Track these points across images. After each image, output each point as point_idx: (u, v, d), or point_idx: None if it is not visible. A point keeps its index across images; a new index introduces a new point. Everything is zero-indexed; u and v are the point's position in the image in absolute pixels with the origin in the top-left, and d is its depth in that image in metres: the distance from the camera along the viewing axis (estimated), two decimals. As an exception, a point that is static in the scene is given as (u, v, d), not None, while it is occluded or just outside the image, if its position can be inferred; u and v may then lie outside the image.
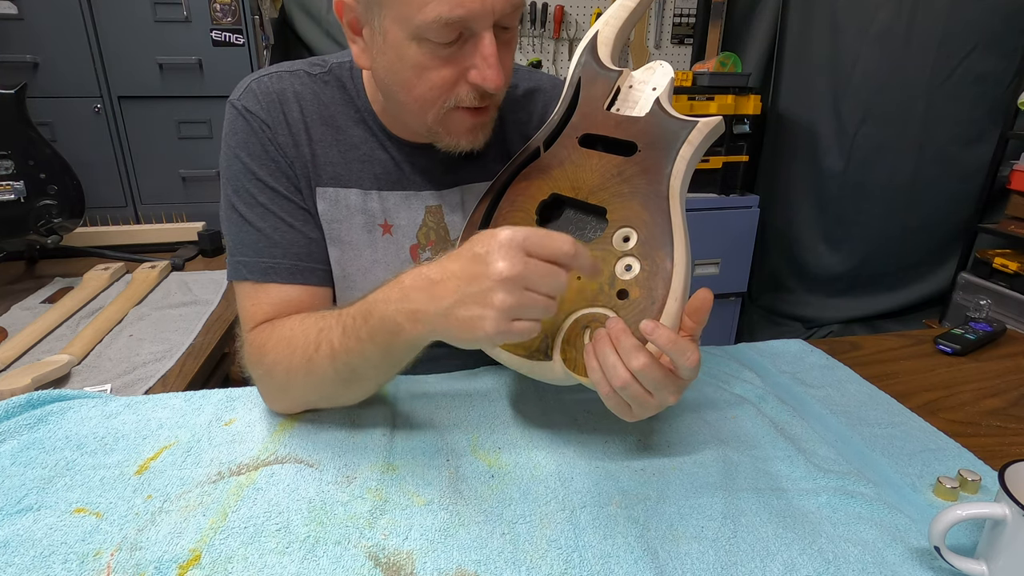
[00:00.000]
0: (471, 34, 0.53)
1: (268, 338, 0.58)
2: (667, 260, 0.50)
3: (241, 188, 0.62)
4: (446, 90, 0.56)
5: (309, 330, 0.55)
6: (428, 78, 0.55)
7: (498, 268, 0.42)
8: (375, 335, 0.50)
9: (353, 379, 0.55)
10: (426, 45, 0.53)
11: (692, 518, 0.49)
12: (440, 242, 0.70)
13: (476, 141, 0.61)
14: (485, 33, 0.53)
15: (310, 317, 0.57)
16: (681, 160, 0.54)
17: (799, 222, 2.36)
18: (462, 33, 0.53)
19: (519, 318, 0.44)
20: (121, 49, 1.63)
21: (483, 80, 0.54)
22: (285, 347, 0.56)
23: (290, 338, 0.56)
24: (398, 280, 0.49)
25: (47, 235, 1.28)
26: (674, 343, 0.45)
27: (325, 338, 0.53)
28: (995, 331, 0.85)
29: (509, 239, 0.42)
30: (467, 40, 0.54)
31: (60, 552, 0.44)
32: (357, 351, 0.52)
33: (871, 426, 0.63)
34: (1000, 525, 0.42)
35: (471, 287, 0.43)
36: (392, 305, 0.48)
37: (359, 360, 0.52)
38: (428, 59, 0.54)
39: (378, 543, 0.46)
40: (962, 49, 1.92)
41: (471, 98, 0.57)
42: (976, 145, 2.01)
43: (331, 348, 0.53)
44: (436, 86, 0.56)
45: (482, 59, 0.54)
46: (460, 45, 0.54)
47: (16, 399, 0.61)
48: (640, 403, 0.47)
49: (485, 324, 0.43)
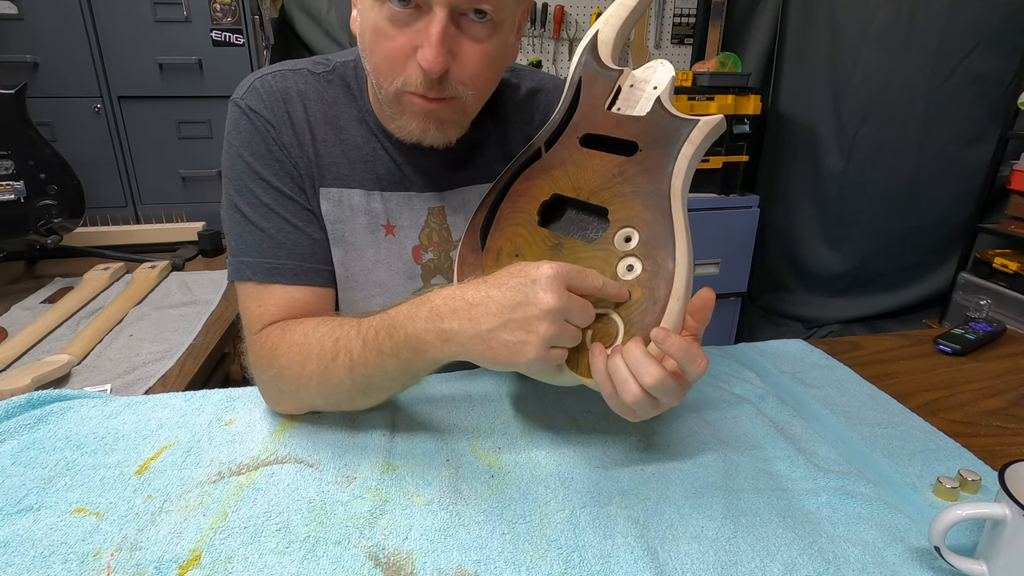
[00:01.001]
0: (428, 9, 0.52)
1: (280, 342, 0.57)
2: (669, 260, 0.50)
3: (244, 188, 0.62)
4: (396, 64, 0.55)
5: (325, 338, 0.54)
6: (383, 46, 0.54)
7: (547, 299, 0.44)
8: (399, 351, 0.50)
9: (369, 390, 0.55)
10: (385, 7, 0.53)
11: (692, 518, 0.49)
12: (442, 243, 0.70)
13: (428, 131, 0.58)
14: (437, 10, 0.52)
15: (324, 324, 0.56)
16: (682, 159, 0.54)
17: (799, 222, 2.36)
18: (420, 6, 0.52)
19: (556, 346, 0.46)
20: (121, 49, 1.63)
21: (422, 59, 0.52)
22: (297, 353, 0.55)
23: (303, 344, 0.55)
24: (426, 299, 0.49)
25: (47, 235, 1.28)
26: (686, 351, 0.45)
27: (343, 348, 0.53)
28: (995, 331, 0.85)
29: (556, 273, 0.45)
30: (424, 15, 0.53)
31: (60, 552, 0.44)
32: (376, 364, 0.52)
33: (871, 426, 0.63)
34: (1000, 525, 0.41)
35: (516, 313, 0.45)
36: (420, 324, 0.48)
37: (378, 372, 0.53)
38: (385, 24, 0.53)
39: (378, 543, 0.46)
40: (962, 49, 1.92)
41: (418, 82, 0.55)
42: (976, 145, 2.00)
43: (350, 359, 0.53)
44: (388, 57, 0.55)
45: (426, 37, 0.52)
46: (417, 18, 0.53)
47: (16, 399, 0.61)
48: (644, 406, 0.47)
49: (528, 350, 0.45)
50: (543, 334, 0.44)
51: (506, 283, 0.46)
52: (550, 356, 0.46)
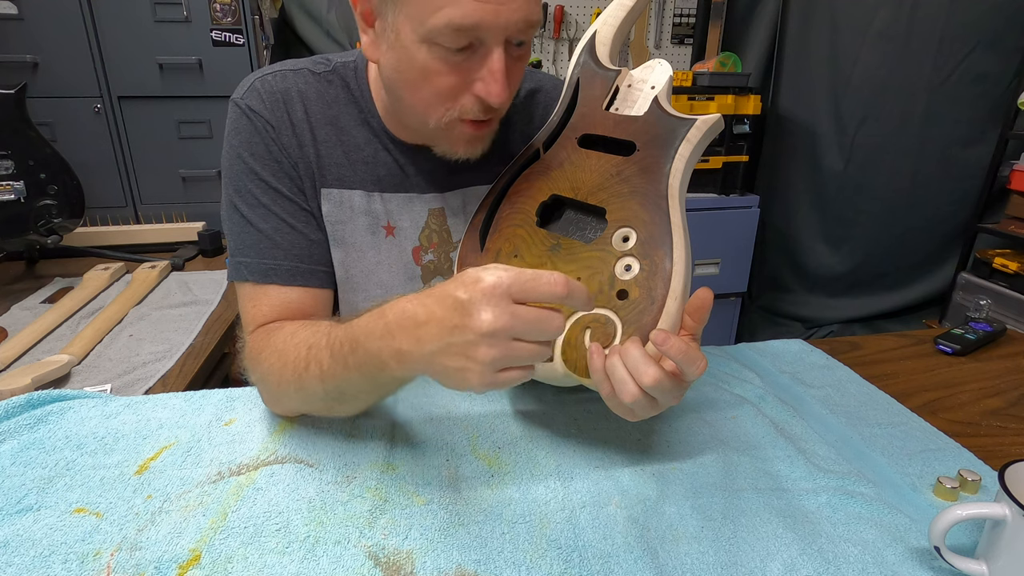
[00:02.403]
0: (481, 45, 0.52)
1: (264, 347, 0.57)
2: (666, 260, 0.50)
3: (243, 188, 0.62)
4: (450, 98, 0.56)
5: (300, 346, 0.53)
6: (434, 83, 0.54)
7: (481, 320, 0.39)
8: (361, 367, 0.47)
9: (343, 399, 0.54)
10: (436, 49, 0.52)
11: (692, 518, 0.49)
12: (442, 244, 0.70)
13: (474, 152, 0.61)
14: (496, 47, 0.52)
15: (303, 329, 0.55)
16: (680, 159, 0.54)
17: (799, 222, 2.36)
18: (473, 43, 0.52)
19: (505, 368, 0.41)
20: (121, 49, 1.63)
21: (487, 95, 0.54)
22: (277, 359, 0.55)
23: (282, 351, 0.55)
24: (381, 312, 0.45)
25: (47, 235, 1.29)
26: (685, 354, 0.44)
27: (314, 358, 0.51)
28: (995, 331, 0.85)
29: (493, 286, 0.39)
30: (477, 51, 0.53)
31: (60, 552, 0.44)
32: (344, 377, 0.50)
33: (871, 426, 0.63)
34: (1000, 525, 0.41)
35: (453, 337, 0.40)
36: (375, 342, 0.45)
37: (347, 385, 0.51)
38: (436, 64, 0.53)
39: (378, 543, 0.46)
40: (962, 49, 1.92)
41: (475, 111, 0.56)
42: (976, 145, 2.01)
43: (320, 370, 0.51)
44: (441, 93, 0.55)
45: (489, 73, 0.53)
46: (470, 55, 0.53)
47: (16, 399, 0.61)
48: (643, 406, 0.47)
49: (469, 376, 0.41)
50: (482, 359, 0.40)
51: (446, 299, 0.41)
52: (498, 381, 0.41)
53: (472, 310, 0.39)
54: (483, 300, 0.39)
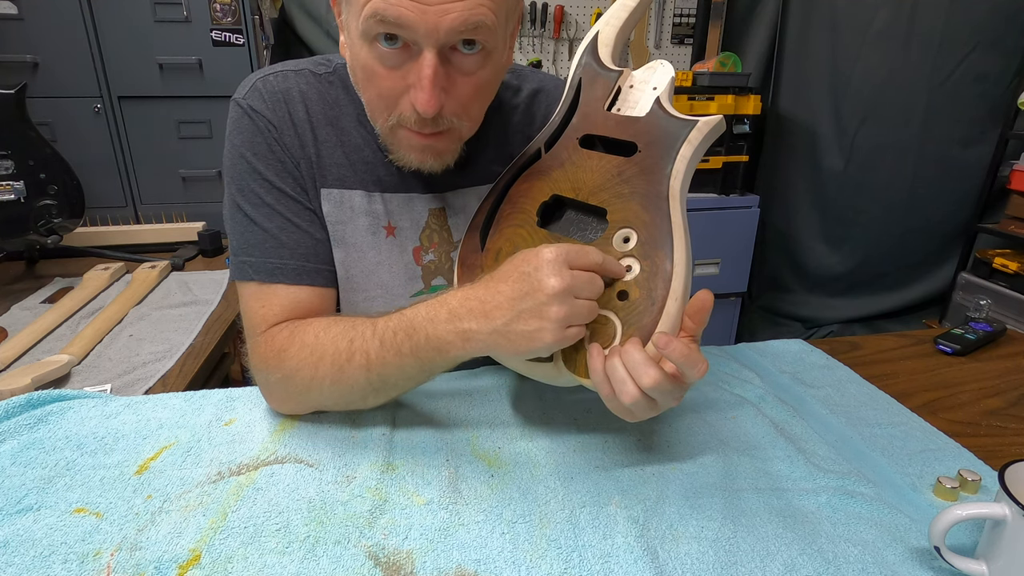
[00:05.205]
0: (418, 50, 0.52)
1: (289, 343, 0.57)
2: (667, 261, 0.50)
3: (246, 188, 0.62)
4: (390, 102, 0.55)
5: (339, 339, 0.54)
6: (376, 84, 0.55)
7: (551, 283, 0.45)
8: (419, 351, 0.51)
9: (383, 388, 0.56)
10: (375, 48, 0.52)
11: (692, 518, 0.49)
12: (443, 244, 0.70)
13: (426, 162, 0.59)
14: (426, 52, 0.51)
15: (336, 324, 0.56)
16: (681, 160, 0.54)
17: (799, 222, 2.36)
18: (409, 44, 0.51)
19: (571, 324, 0.47)
20: (121, 49, 1.63)
21: (415, 101, 0.52)
22: (309, 354, 0.55)
23: (315, 345, 0.55)
24: (443, 301, 0.51)
25: (47, 235, 1.29)
26: (687, 356, 0.45)
27: (359, 348, 0.53)
28: (995, 331, 0.85)
29: (555, 256, 0.46)
30: (415, 56, 0.52)
31: (60, 552, 0.44)
32: (395, 364, 0.52)
33: (871, 426, 0.63)
34: (1000, 525, 0.42)
35: (525, 303, 0.46)
36: (441, 325, 0.50)
37: (396, 372, 0.53)
38: (375, 64, 0.53)
39: (378, 543, 0.46)
40: (962, 49, 1.93)
41: (411, 119, 0.55)
42: (976, 145, 2.01)
43: (367, 359, 0.53)
44: (382, 95, 0.55)
45: (417, 78, 0.52)
46: (407, 58, 0.52)
47: (16, 399, 0.61)
48: (642, 407, 0.47)
49: (544, 335, 0.46)
50: (555, 317, 0.46)
51: (511, 275, 0.48)
52: (567, 336, 0.47)
53: (541, 277, 0.46)
54: (547, 267, 0.46)
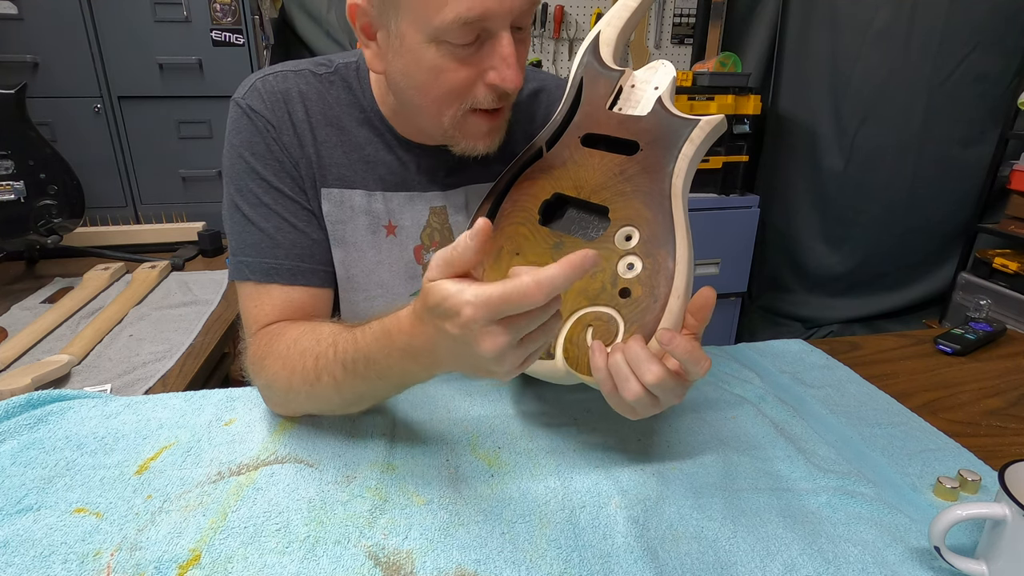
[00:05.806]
0: (488, 35, 0.53)
1: (267, 351, 0.57)
2: (669, 259, 0.50)
3: (244, 188, 0.62)
4: (464, 92, 0.56)
5: (306, 357, 0.53)
6: (446, 80, 0.55)
7: (483, 349, 0.39)
8: (385, 377, 0.50)
9: (360, 402, 0.56)
10: (444, 47, 0.53)
11: (692, 518, 0.49)
12: (444, 243, 0.70)
13: (492, 144, 0.61)
14: (503, 33, 0.53)
15: (305, 337, 0.55)
16: (683, 159, 0.54)
17: (799, 222, 2.36)
18: (480, 34, 0.53)
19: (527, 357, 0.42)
20: (121, 49, 1.63)
21: (502, 80, 0.54)
22: (282, 367, 0.55)
23: (287, 357, 0.55)
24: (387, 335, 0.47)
25: (47, 235, 1.29)
26: (691, 353, 0.44)
27: (325, 370, 0.52)
28: (995, 331, 0.85)
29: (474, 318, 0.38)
30: (485, 41, 0.54)
31: (60, 552, 0.44)
32: (363, 386, 0.52)
33: (871, 426, 0.63)
34: (1000, 525, 0.41)
35: (470, 360, 0.42)
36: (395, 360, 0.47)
37: (367, 391, 0.53)
38: (446, 61, 0.54)
39: (378, 543, 0.46)
40: (962, 49, 1.93)
41: (488, 100, 0.57)
42: (976, 145, 2.01)
43: (334, 381, 0.52)
44: (454, 88, 0.56)
45: (501, 59, 0.54)
46: (478, 46, 0.54)
47: (16, 399, 0.61)
48: (645, 405, 0.47)
49: (497, 378, 0.43)
50: (503, 369, 0.41)
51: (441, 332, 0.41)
52: (526, 365, 0.43)
53: (470, 341, 0.39)
54: (477, 333, 0.39)
